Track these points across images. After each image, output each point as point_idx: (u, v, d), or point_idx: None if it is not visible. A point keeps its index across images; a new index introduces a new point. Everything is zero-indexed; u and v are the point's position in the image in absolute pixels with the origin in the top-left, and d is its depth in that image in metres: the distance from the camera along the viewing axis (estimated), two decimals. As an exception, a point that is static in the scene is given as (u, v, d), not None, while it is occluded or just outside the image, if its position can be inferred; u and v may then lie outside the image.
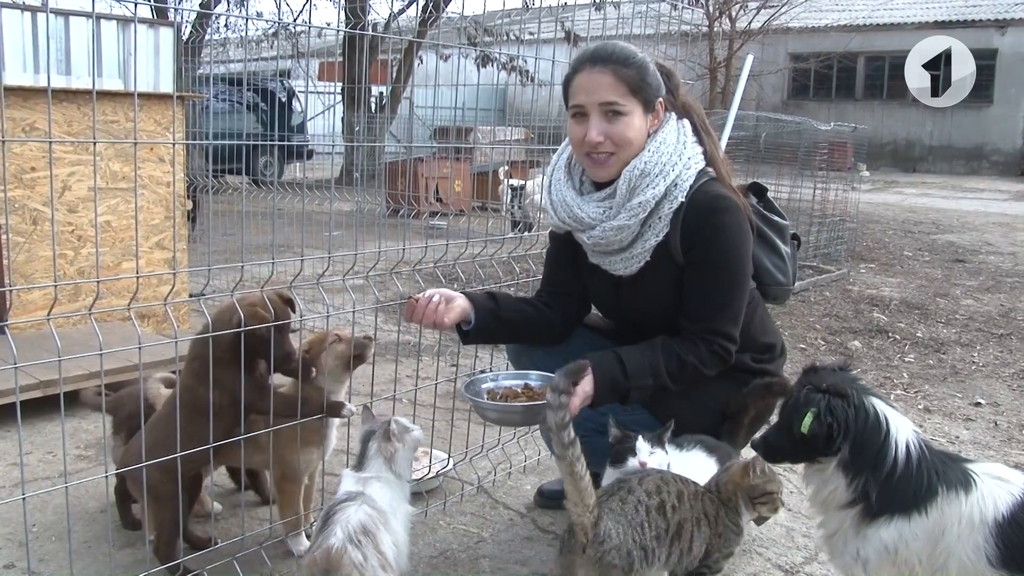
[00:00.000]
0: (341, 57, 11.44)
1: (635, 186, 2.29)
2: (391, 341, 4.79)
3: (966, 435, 3.82)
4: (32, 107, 4.08)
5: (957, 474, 1.78)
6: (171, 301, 2.29)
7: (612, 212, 2.33)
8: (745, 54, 8.41)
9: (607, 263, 2.42)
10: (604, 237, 2.34)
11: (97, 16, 5.25)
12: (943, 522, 1.74)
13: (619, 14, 3.78)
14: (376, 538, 1.95)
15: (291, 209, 6.58)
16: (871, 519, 1.78)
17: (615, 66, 2.26)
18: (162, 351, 3.53)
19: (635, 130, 2.29)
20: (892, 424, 1.79)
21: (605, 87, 2.26)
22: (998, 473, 1.79)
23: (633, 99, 2.27)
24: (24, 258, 4.14)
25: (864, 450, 1.78)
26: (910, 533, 1.75)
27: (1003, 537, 1.70)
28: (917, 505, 1.75)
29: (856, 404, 1.79)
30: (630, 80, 2.26)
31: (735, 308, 2.33)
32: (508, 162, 9.80)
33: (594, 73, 2.28)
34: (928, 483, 1.76)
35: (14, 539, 2.57)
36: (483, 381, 2.41)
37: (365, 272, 2.63)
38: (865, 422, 1.78)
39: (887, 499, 1.77)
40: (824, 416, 1.78)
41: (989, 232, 11.11)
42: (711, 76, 21.43)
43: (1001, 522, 1.71)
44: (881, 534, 1.76)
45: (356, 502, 2.01)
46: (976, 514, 1.72)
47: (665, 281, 2.36)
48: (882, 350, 5.17)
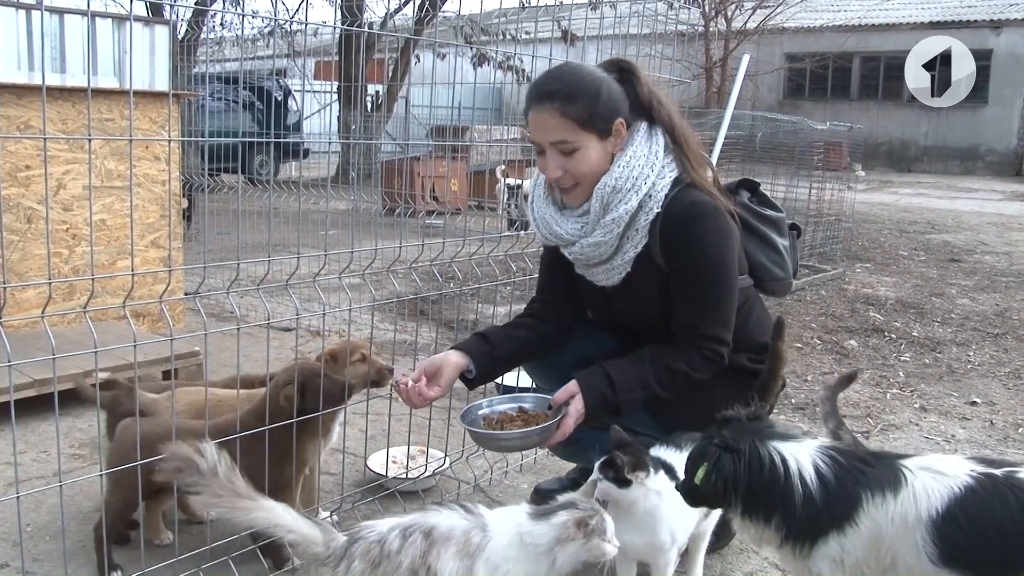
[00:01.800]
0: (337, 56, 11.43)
1: (607, 203, 2.29)
2: (387, 340, 4.78)
3: (962, 434, 3.82)
4: (27, 105, 4.06)
5: (885, 474, 1.75)
6: (166, 299, 2.27)
7: (588, 228, 2.34)
8: (741, 54, 8.42)
9: (591, 275, 2.43)
10: (583, 252, 2.36)
11: (92, 14, 5.23)
12: (877, 526, 1.71)
13: (615, 13, 3.77)
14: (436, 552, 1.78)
15: (287, 208, 6.58)
16: (812, 546, 1.76)
17: (561, 103, 2.22)
18: (157, 349, 3.52)
19: (592, 161, 2.28)
20: (791, 462, 1.76)
21: (552, 127, 2.24)
22: (935, 466, 1.75)
23: (583, 132, 2.25)
24: (18, 256, 4.13)
25: (763, 498, 1.77)
26: (849, 544, 1.73)
27: (939, 534, 1.66)
28: (846, 518, 1.73)
29: (749, 457, 1.77)
30: (577, 116, 2.23)
31: (723, 311, 2.32)
32: (504, 161, 9.80)
33: (542, 112, 2.25)
34: (849, 494, 1.73)
35: (8, 539, 2.56)
36: (479, 408, 2.40)
37: (361, 271, 2.62)
38: (761, 472, 1.76)
39: (814, 524, 1.74)
40: (712, 473, 1.78)
41: (984, 232, 11.13)
42: (707, 76, 21.45)
43: (935, 518, 1.67)
44: (825, 551, 1.75)
45: (472, 523, 1.84)
46: (909, 513, 1.69)
47: (651, 289, 2.36)
48: (878, 349, 5.17)
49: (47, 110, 4.06)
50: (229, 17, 14.23)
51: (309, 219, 7.29)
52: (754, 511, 1.79)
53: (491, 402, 2.43)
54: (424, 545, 1.77)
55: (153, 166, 4.61)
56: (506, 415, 2.37)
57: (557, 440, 2.28)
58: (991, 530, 1.63)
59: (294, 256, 2.36)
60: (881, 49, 24.24)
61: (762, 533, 1.81)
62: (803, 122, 8.69)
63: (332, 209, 6.93)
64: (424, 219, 8.21)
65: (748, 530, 1.84)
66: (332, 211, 7.62)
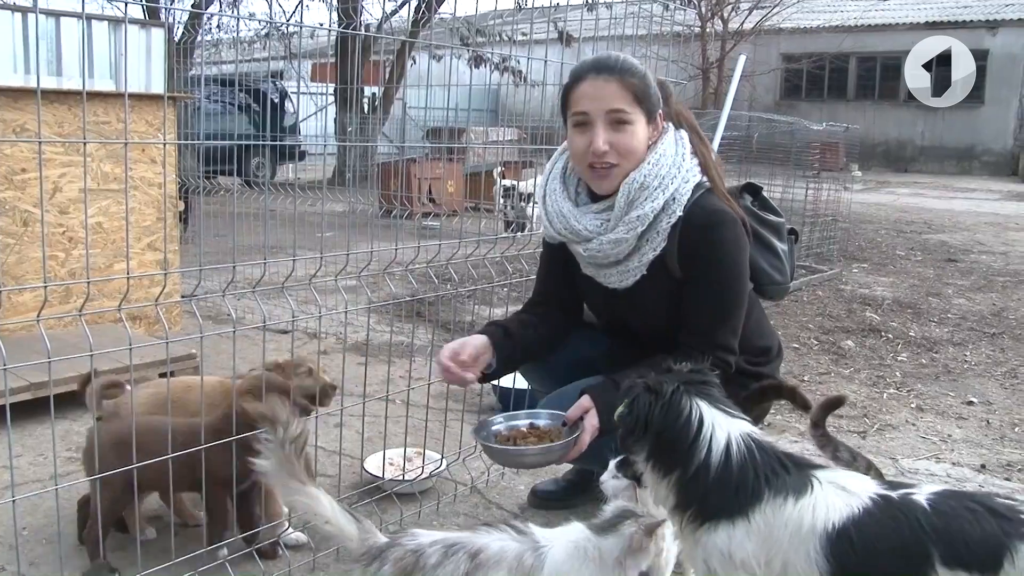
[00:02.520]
0: (333, 58, 11.43)
1: (634, 199, 2.27)
2: (384, 342, 4.77)
3: (959, 433, 3.83)
4: (22, 108, 4.06)
5: (794, 479, 1.70)
6: (162, 302, 2.27)
7: (610, 225, 2.31)
8: (737, 55, 8.42)
9: (601, 275, 2.40)
10: (600, 250, 2.33)
11: (88, 17, 5.23)
12: (770, 527, 1.67)
13: (611, 14, 3.77)
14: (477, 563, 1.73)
15: (283, 210, 6.58)
16: (700, 523, 1.72)
17: (620, 74, 2.25)
18: (153, 352, 3.52)
19: (639, 140, 2.28)
20: (706, 426, 1.73)
21: (612, 95, 2.25)
22: (845, 483, 1.70)
23: (638, 108, 2.26)
24: (14, 259, 4.12)
25: (668, 450, 1.74)
26: (739, 535, 1.69)
27: (832, 549, 1.62)
28: (740, 508, 1.69)
29: (668, 402, 1.75)
30: (635, 89, 2.25)
31: (734, 321, 2.33)
32: (501, 162, 9.80)
33: (599, 81, 2.26)
34: (752, 486, 1.69)
35: (4, 542, 2.56)
36: (492, 424, 2.40)
37: (357, 272, 2.62)
38: (675, 421, 1.73)
39: (706, 501, 1.71)
40: (629, 409, 1.76)
41: (980, 232, 11.15)
42: (703, 77, 21.47)
43: (831, 533, 1.62)
44: (715, 539, 1.70)
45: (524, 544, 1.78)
46: (805, 521, 1.64)
47: (660, 294, 2.35)
48: (875, 349, 5.18)
49: (43, 113, 4.05)
50: (225, 19, 14.22)
51: (305, 221, 7.29)
52: (658, 461, 1.76)
53: (504, 418, 2.43)
54: (468, 566, 1.72)
55: (149, 169, 4.61)
56: (519, 431, 2.37)
57: (573, 456, 2.28)
58: (879, 551, 1.60)
59: (290, 258, 2.37)
60: (877, 50, 24.28)
61: (659, 487, 1.79)
62: (799, 123, 8.69)
63: (328, 211, 6.93)
64: (421, 221, 8.21)
65: (649, 480, 1.81)
66: (328, 213, 7.62)
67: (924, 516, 1.60)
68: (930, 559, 1.56)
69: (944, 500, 1.63)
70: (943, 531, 1.57)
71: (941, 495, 1.64)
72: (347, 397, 2.96)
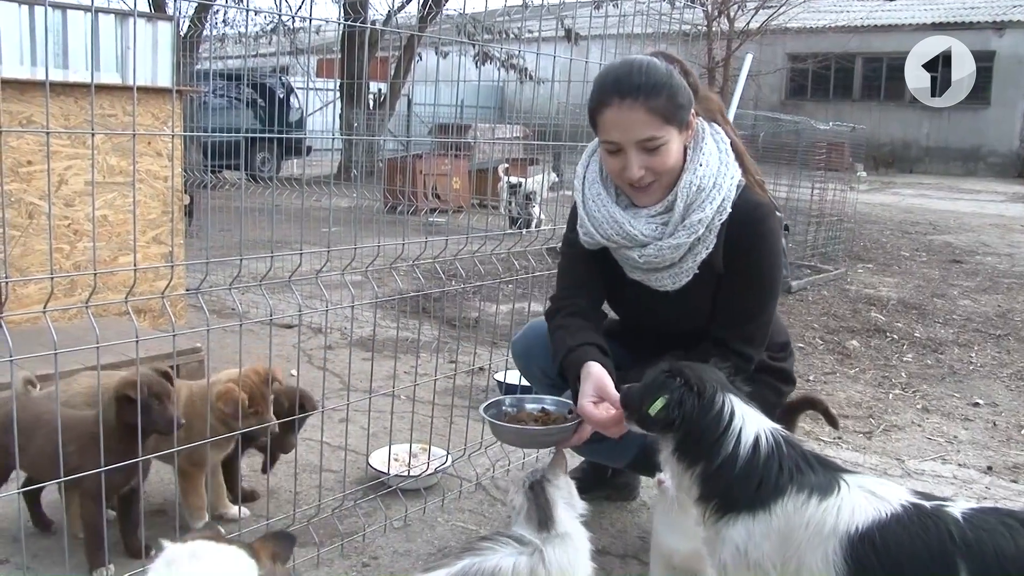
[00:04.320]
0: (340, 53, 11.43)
1: (691, 202, 2.22)
2: (389, 338, 4.77)
3: (964, 435, 3.81)
4: (29, 100, 4.05)
5: (821, 479, 1.69)
6: (168, 295, 2.27)
7: (668, 230, 2.25)
8: (744, 54, 8.40)
9: (652, 279, 2.34)
10: (659, 255, 2.26)
11: (95, 10, 5.22)
12: (789, 524, 1.66)
13: (619, 12, 3.76)
14: None
15: (289, 205, 6.58)
16: (721, 515, 1.72)
17: (645, 98, 2.11)
18: (159, 345, 3.51)
19: (674, 156, 2.20)
20: (736, 419, 1.73)
21: (640, 124, 2.13)
22: (875, 488, 1.68)
23: (669, 127, 2.16)
24: (20, 252, 4.12)
25: (697, 442, 1.74)
26: (758, 533, 1.67)
27: (853, 553, 1.59)
28: (761, 502, 1.67)
29: (704, 396, 1.75)
30: (663, 111, 2.14)
31: (768, 314, 2.32)
32: (507, 159, 9.79)
33: (623, 109, 2.13)
34: (775, 481, 1.68)
35: (8, 535, 2.55)
36: (502, 404, 2.39)
37: (364, 268, 2.61)
38: (705, 414, 1.74)
39: (727, 492, 1.71)
40: (673, 406, 1.75)
41: (986, 233, 11.12)
42: (709, 75, 21.41)
43: (853, 536, 1.60)
44: (732, 533, 1.70)
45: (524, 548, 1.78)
46: (827, 522, 1.62)
47: (706, 292, 2.32)
48: (880, 350, 5.16)
49: (50, 105, 4.05)
50: (232, 14, 14.21)
51: (311, 216, 7.29)
52: (685, 452, 1.76)
53: (514, 400, 2.43)
54: None
55: (155, 162, 4.60)
56: (527, 413, 2.37)
57: (572, 444, 2.26)
58: (901, 559, 1.58)
59: (296, 253, 2.36)
60: (883, 50, 24.23)
61: (683, 479, 1.78)
62: (806, 122, 8.67)
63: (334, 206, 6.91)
64: (426, 217, 8.20)
65: (673, 469, 1.81)
66: (334, 208, 7.60)
67: (956, 528, 1.56)
68: (956, 571, 1.52)
69: (980, 514, 1.59)
70: (974, 545, 1.53)
71: (979, 509, 1.61)
72: (352, 392, 2.96)
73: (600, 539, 2.72)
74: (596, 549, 2.63)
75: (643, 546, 2.66)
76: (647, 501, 2.98)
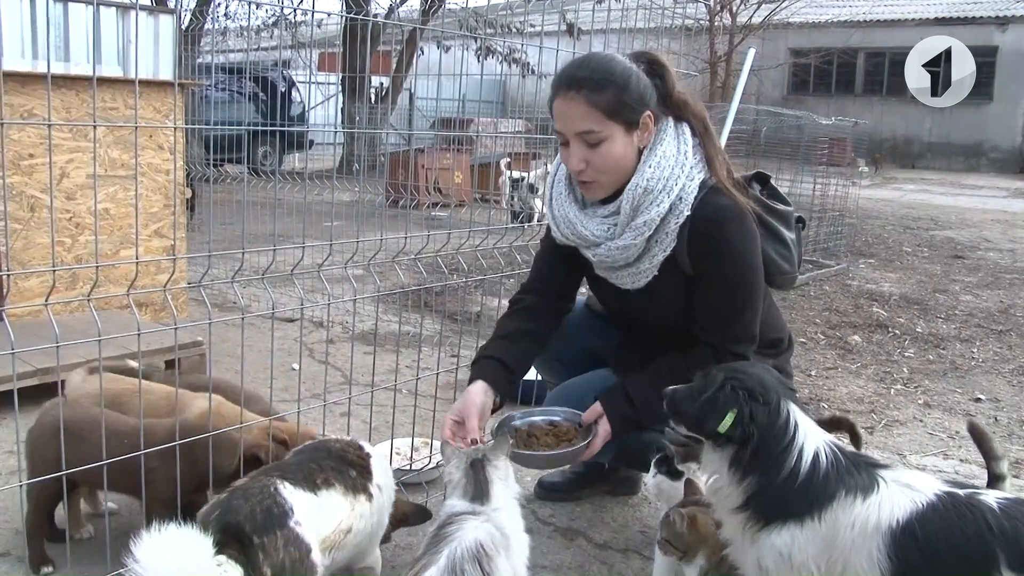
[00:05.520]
0: (341, 47, 11.42)
1: (638, 204, 2.22)
2: (391, 331, 4.77)
3: (966, 430, 3.81)
4: (30, 93, 4.05)
5: (863, 479, 1.68)
6: (170, 288, 2.26)
7: (616, 231, 2.27)
8: (746, 49, 8.38)
9: (614, 277, 2.37)
10: (609, 255, 2.29)
11: (97, 2, 5.21)
12: (837, 527, 1.65)
13: (621, 7, 3.75)
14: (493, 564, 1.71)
15: (291, 199, 6.57)
16: (764, 525, 1.69)
17: (588, 92, 2.13)
18: (161, 339, 3.51)
19: (616, 155, 2.20)
20: (800, 434, 1.71)
21: (579, 115, 2.16)
22: (908, 480, 1.68)
23: (610, 123, 2.16)
24: (21, 245, 4.12)
25: (761, 453, 1.71)
26: (804, 538, 1.66)
27: (896, 548, 1.59)
28: (812, 511, 1.66)
29: (773, 409, 1.72)
30: (605, 105, 2.14)
31: (748, 315, 2.30)
32: (509, 154, 9.78)
33: (567, 100, 2.17)
34: (828, 489, 1.67)
35: (10, 527, 2.56)
36: (512, 420, 2.40)
37: (366, 261, 2.61)
38: (770, 428, 1.71)
39: (780, 505, 1.68)
40: (746, 422, 1.71)
41: (988, 229, 11.11)
42: (711, 70, 21.39)
43: (895, 530, 1.60)
44: (774, 540, 1.68)
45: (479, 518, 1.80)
46: (870, 520, 1.62)
47: (674, 292, 2.32)
48: (882, 345, 5.16)
49: (51, 98, 4.05)
50: (234, 7, 14.20)
51: (313, 210, 7.29)
52: (743, 464, 1.72)
53: (524, 415, 2.43)
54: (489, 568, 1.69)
55: (157, 155, 4.60)
56: (539, 427, 2.38)
57: (586, 458, 2.34)
58: (941, 549, 1.57)
59: (298, 246, 2.36)
60: (886, 45, 24.18)
61: (725, 485, 1.75)
62: (808, 117, 8.65)
63: (336, 200, 6.91)
64: (428, 211, 8.20)
65: (721, 479, 1.77)
66: (336, 202, 7.60)
67: (992, 516, 1.56)
68: (995, 561, 1.52)
69: (1015, 504, 1.60)
70: (1012, 534, 1.54)
71: (1013, 500, 1.61)
72: (354, 387, 2.96)
73: (602, 534, 2.73)
74: (598, 544, 2.65)
75: (644, 540, 2.66)
76: (648, 496, 2.98)
